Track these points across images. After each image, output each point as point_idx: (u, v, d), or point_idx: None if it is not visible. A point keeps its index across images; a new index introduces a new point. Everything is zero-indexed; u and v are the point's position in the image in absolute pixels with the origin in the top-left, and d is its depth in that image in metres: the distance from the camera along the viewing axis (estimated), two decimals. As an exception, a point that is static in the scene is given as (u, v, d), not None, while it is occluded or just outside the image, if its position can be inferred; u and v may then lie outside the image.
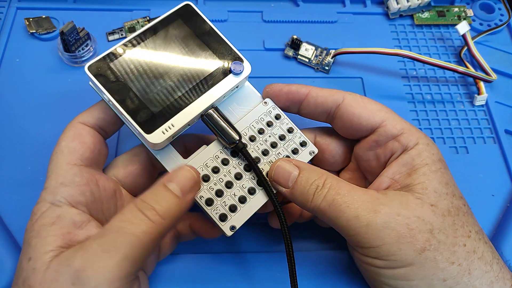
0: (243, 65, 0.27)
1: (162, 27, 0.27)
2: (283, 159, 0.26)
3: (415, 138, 0.26)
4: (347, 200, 0.23)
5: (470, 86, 0.40)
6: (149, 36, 0.26)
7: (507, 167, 0.36)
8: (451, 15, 0.43)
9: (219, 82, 0.26)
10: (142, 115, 0.25)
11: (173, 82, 0.26)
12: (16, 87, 0.37)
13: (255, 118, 0.28)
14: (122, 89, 0.25)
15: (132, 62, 0.26)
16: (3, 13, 0.40)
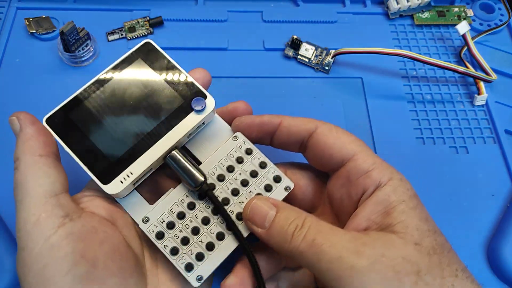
0: (205, 101, 0.25)
1: (122, 69, 0.26)
2: (259, 197, 0.24)
3: (387, 173, 0.24)
4: (329, 239, 0.21)
5: (470, 86, 0.40)
6: (108, 80, 0.26)
7: (507, 167, 0.36)
8: (451, 15, 0.43)
9: (181, 122, 0.25)
10: (99, 165, 0.24)
11: (132, 126, 0.25)
12: (16, 87, 0.37)
13: (224, 155, 0.27)
14: (80, 139, 0.25)
15: (90, 110, 0.25)
16: (3, 13, 0.40)
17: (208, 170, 0.26)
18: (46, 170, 0.23)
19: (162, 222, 0.25)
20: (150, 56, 0.27)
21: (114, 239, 0.23)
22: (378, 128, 0.37)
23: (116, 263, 0.22)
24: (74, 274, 0.21)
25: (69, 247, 0.21)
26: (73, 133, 0.25)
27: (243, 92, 0.38)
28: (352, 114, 0.37)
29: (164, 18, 0.41)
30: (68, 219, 0.22)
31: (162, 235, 0.25)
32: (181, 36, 0.40)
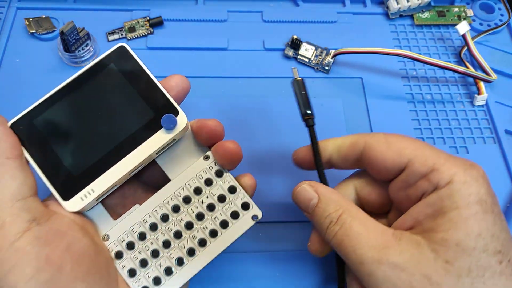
0: (175, 119, 0.24)
1: (93, 74, 0.24)
2: (308, 183, 0.25)
3: (448, 174, 0.22)
4: (353, 245, 0.22)
5: (470, 86, 0.40)
6: (77, 86, 0.24)
7: (507, 167, 0.36)
8: (451, 15, 0.43)
9: (149, 138, 0.24)
10: (60, 179, 0.23)
11: (98, 139, 0.24)
12: (16, 87, 0.37)
13: (192, 176, 0.25)
14: (43, 148, 0.23)
15: (56, 118, 0.24)
16: (3, 13, 0.40)
17: (175, 190, 0.25)
18: (13, 173, 0.22)
19: (122, 241, 0.24)
20: (123, 62, 0.25)
21: (82, 243, 0.22)
22: (378, 128, 0.37)
23: (83, 268, 0.21)
24: (37, 280, 0.20)
25: (33, 252, 0.21)
26: (37, 141, 0.23)
27: (243, 92, 0.38)
28: (352, 114, 0.37)
29: (164, 18, 0.41)
30: (35, 223, 0.21)
31: (121, 255, 0.24)
32: (181, 36, 0.40)
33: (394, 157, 0.24)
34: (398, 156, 0.24)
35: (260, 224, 0.32)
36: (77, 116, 0.24)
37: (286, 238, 0.32)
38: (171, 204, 0.25)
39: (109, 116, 0.24)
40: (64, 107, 0.24)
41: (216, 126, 0.25)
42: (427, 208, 0.22)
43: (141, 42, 0.40)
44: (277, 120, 0.37)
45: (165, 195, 0.25)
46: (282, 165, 0.35)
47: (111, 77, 0.24)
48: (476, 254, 0.20)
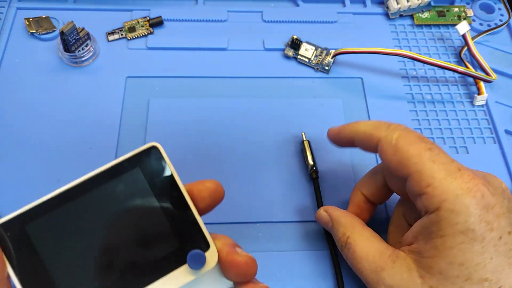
0: (205, 256, 0.19)
1: (112, 177, 0.19)
2: (323, 209, 0.29)
3: (438, 200, 0.21)
4: (359, 267, 0.25)
5: (470, 86, 0.40)
6: (88, 190, 0.19)
7: (507, 167, 0.36)
8: (451, 15, 0.43)
9: (167, 275, 0.19)
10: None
11: (104, 264, 0.19)
12: (16, 87, 0.37)
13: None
14: (32, 264, 0.18)
15: (54, 227, 0.18)
16: (3, 13, 0.40)
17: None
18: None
19: None
20: (152, 168, 0.19)
21: None
22: (378, 128, 0.37)
23: None
24: None
25: None
26: (26, 254, 0.18)
27: (243, 92, 0.38)
28: (352, 114, 0.37)
29: (164, 18, 0.41)
30: None
31: None
32: (181, 36, 0.40)
33: (398, 165, 0.23)
34: (401, 166, 0.23)
35: (260, 224, 0.32)
36: (82, 229, 0.19)
37: (286, 238, 0.32)
38: None
39: (121, 236, 0.19)
40: (68, 215, 0.19)
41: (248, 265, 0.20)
42: (421, 229, 0.23)
43: (141, 42, 0.40)
44: (277, 120, 0.37)
45: None
46: (282, 164, 0.35)
47: (134, 184, 0.19)
48: (459, 282, 0.20)
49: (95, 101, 0.36)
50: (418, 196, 0.22)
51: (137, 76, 0.38)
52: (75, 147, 0.34)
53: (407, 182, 0.23)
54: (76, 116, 0.36)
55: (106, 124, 0.35)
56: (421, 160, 0.22)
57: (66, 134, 0.35)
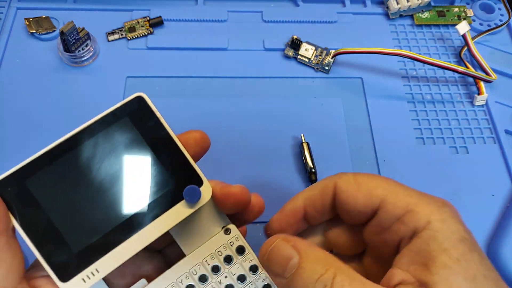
0: (200, 191, 0.20)
1: (102, 128, 0.20)
2: (283, 238, 0.20)
3: (425, 214, 0.20)
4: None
5: (470, 86, 0.40)
6: (82, 141, 0.20)
7: (507, 167, 0.36)
8: (451, 15, 0.43)
9: (167, 211, 0.20)
10: (58, 255, 0.19)
11: (106, 208, 0.20)
12: (16, 87, 0.37)
13: (211, 252, 0.22)
14: (37, 216, 0.19)
15: (54, 179, 0.19)
16: (3, 13, 0.40)
17: (190, 267, 0.22)
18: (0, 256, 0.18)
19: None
20: (140, 116, 0.21)
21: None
22: (378, 128, 0.37)
23: None
24: None
25: None
26: (29, 207, 0.19)
27: (243, 92, 0.38)
28: (352, 114, 0.37)
29: (164, 18, 0.41)
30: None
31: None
32: (181, 36, 0.40)
33: (366, 198, 0.22)
34: (370, 197, 0.22)
35: (260, 224, 0.32)
36: (81, 178, 0.20)
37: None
38: (185, 284, 0.21)
39: (120, 181, 0.20)
40: (65, 166, 0.20)
41: (243, 194, 0.22)
42: (415, 256, 0.20)
43: (141, 42, 0.40)
44: (277, 120, 0.37)
45: (179, 273, 0.22)
46: (282, 163, 0.35)
47: (124, 133, 0.20)
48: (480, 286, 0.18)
49: (95, 101, 0.36)
50: (398, 220, 0.21)
51: (137, 76, 0.38)
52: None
53: (379, 212, 0.22)
54: (76, 116, 0.36)
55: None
56: (388, 186, 0.22)
57: (65, 134, 0.35)
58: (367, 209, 0.22)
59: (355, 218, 0.23)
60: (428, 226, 0.20)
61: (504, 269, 0.30)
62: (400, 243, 0.21)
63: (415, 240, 0.20)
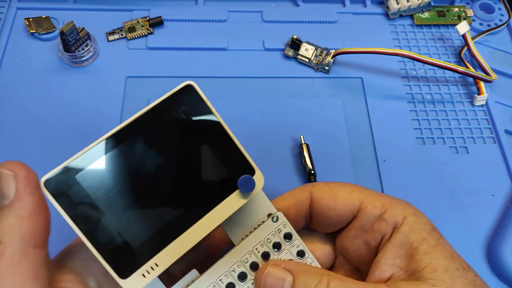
0: (253, 180, 0.21)
1: (153, 118, 0.20)
2: (272, 264, 0.21)
3: (400, 211, 0.22)
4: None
5: (470, 86, 0.40)
6: (133, 133, 0.19)
7: (507, 167, 0.36)
8: (451, 15, 0.43)
9: (223, 202, 0.20)
10: (116, 252, 0.18)
11: (160, 201, 0.19)
12: (16, 87, 0.37)
13: (260, 239, 0.22)
14: (91, 213, 0.18)
15: (106, 173, 0.19)
16: (3, 13, 0.40)
17: (242, 256, 0.22)
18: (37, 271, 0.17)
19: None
20: (190, 105, 0.20)
21: None
22: (378, 128, 0.37)
23: None
24: None
25: None
26: (82, 204, 0.18)
27: (243, 92, 0.38)
28: (352, 114, 0.37)
29: (164, 18, 0.41)
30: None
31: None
32: (181, 36, 0.40)
33: (345, 203, 0.23)
34: (348, 201, 0.23)
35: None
36: (133, 171, 0.19)
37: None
38: (237, 272, 0.22)
39: (173, 173, 0.20)
40: (117, 159, 0.19)
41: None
42: (399, 249, 0.22)
43: (141, 42, 0.40)
44: (277, 120, 0.37)
45: (231, 262, 0.22)
46: (281, 164, 0.35)
47: (175, 123, 0.20)
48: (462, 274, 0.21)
49: (95, 101, 0.36)
50: (379, 218, 0.23)
51: (137, 76, 0.38)
52: (75, 148, 0.34)
53: (360, 213, 0.23)
54: (76, 116, 0.36)
55: (106, 124, 0.35)
56: (361, 190, 0.24)
57: (66, 135, 0.35)
58: (347, 212, 0.23)
59: (333, 224, 0.24)
60: (405, 220, 0.22)
61: (504, 269, 0.30)
62: (382, 240, 0.23)
63: (395, 235, 0.22)
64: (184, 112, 0.20)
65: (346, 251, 0.24)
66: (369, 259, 0.23)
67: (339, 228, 0.24)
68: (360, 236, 0.23)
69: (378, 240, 0.23)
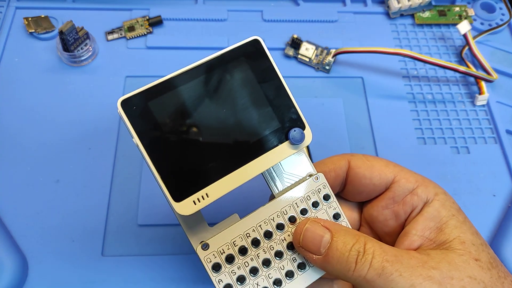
0: (303, 133, 0.22)
1: (220, 64, 0.22)
2: (312, 220, 0.23)
3: (432, 189, 0.24)
4: (398, 268, 0.20)
5: (471, 86, 0.39)
6: (201, 74, 0.21)
7: (508, 167, 0.35)
8: (452, 15, 0.43)
9: (272, 150, 0.22)
10: (174, 177, 0.20)
11: (219, 139, 0.21)
12: (15, 86, 0.37)
13: (300, 195, 0.24)
14: (157, 137, 0.20)
15: (175, 105, 0.21)
16: (2, 12, 0.40)
17: (282, 207, 0.23)
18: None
19: (222, 253, 0.22)
20: (255, 58, 0.22)
21: None
22: (379, 128, 0.37)
23: None
24: None
25: None
26: (150, 127, 0.20)
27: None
28: (352, 114, 0.37)
29: (164, 18, 0.41)
30: None
31: (219, 267, 0.22)
32: (181, 36, 0.40)
33: (380, 173, 0.25)
34: (384, 172, 0.25)
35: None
36: (198, 107, 0.21)
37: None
38: (276, 221, 0.23)
39: (232, 115, 0.21)
40: (185, 94, 0.21)
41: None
42: (429, 222, 0.23)
43: (140, 41, 0.40)
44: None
45: (271, 211, 0.23)
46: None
47: (239, 71, 0.22)
48: (485, 249, 0.22)
49: (94, 101, 0.36)
50: (411, 192, 0.24)
51: (136, 75, 0.38)
52: (74, 148, 0.34)
53: (393, 185, 0.25)
54: (75, 116, 0.36)
55: (105, 124, 0.35)
56: (395, 165, 0.25)
57: (65, 134, 0.35)
58: (381, 183, 0.25)
59: (365, 193, 0.25)
60: (436, 197, 0.24)
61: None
62: (411, 213, 0.24)
63: (426, 209, 0.23)
64: (249, 63, 0.22)
65: (373, 221, 0.26)
66: (394, 229, 0.25)
67: (370, 198, 0.26)
68: (390, 206, 0.25)
69: (407, 212, 0.24)
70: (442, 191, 0.24)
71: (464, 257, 0.21)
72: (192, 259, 0.31)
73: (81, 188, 0.33)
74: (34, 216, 0.31)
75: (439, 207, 0.23)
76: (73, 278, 0.30)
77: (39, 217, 0.31)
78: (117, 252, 0.31)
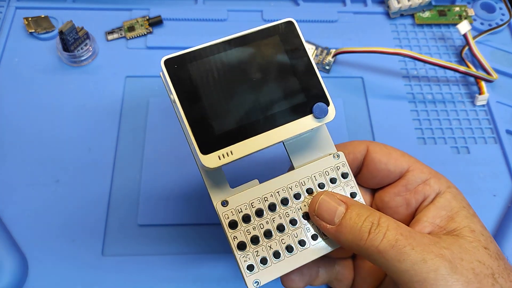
0: (328, 109, 0.24)
1: (255, 39, 0.24)
2: (328, 192, 0.24)
3: (444, 182, 0.25)
4: (411, 242, 0.21)
5: (471, 86, 0.39)
6: (238, 45, 0.24)
7: (508, 167, 0.35)
8: (452, 15, 0.43)
9: (296, 120, 0.23)
10: (203, 131, 0.22)
11: (247, 104, 0.23)
12: (15, 86, 0.37)
13: (319, 170, 0.25)
14: (192, 95, 0.22)
15: (211, 69, 0.23)
16: (2, 12, 0.40)
17: (300, 178, 0.25)
18: None
19: (240, 212, 0.24)
20: (288, 37, 0.25)
21: None
22: (379, 128, 0.37)
23: None
24: None
25: None
26: (187, 86, 0.22)
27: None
28: (353, 114, 0.37)
29: (164, 18, 0.41)
30: None
31: (235, 225, 0.24)
32: (181, 36, 0.40)
33: (396, 161, 0.26)
34: (400, 161, 0.26)
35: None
36: (231, 74, 0.23)
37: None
38: (294, 191, 0.25)
39: (262, 85, 0.23)
40: (221, 61, 0.23)
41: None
42: (440, 211, 0.24)
43: (140, 41, 0.40)
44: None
45: (289, 180, 0.25)
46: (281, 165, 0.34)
47: (273, 47, 0.24)
48: (493, 241, 0.23)
49: (94, 101, 0.36)
50: (424, 182, 0.25)
51: (136, 75, 0.38)
52: (74, 147, 0.34)
53: (407, 174, 0.26)
54: (75, 116, 0.36)
55: (105, 124, 0.35)
56: (410, 156, 0.27)
57: (65, 134, 0.35)
58: (396, 170, 0.26)
59: (380, 178, 0.27)
60: (448, 189, 0.25)
61: (506, 270, 0.30)
62: (423, 202, 0.25)
63: (438, 199, 0.25)
64: (282, 40, 0.24)
65: (384, 206, 0.27)
66: (404, 218, 0.26)
67: (383, 184, 0.27)
68: (403, 193, 0.26)
69: (419, 201, 0.25)
70: (453, 185, 0.26)
71: (474, 243, 0.22)
72: (192, 259, 0.31)
73: (81, 188, 0.33)
74: (34, 216, 0.32)
75: (451, 199, 0.24)
76: (73, 278, 0.30)
77: (39, 217, 0.31)
78: (117, 252, 0.31)
